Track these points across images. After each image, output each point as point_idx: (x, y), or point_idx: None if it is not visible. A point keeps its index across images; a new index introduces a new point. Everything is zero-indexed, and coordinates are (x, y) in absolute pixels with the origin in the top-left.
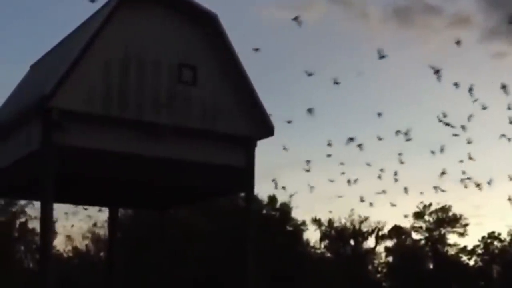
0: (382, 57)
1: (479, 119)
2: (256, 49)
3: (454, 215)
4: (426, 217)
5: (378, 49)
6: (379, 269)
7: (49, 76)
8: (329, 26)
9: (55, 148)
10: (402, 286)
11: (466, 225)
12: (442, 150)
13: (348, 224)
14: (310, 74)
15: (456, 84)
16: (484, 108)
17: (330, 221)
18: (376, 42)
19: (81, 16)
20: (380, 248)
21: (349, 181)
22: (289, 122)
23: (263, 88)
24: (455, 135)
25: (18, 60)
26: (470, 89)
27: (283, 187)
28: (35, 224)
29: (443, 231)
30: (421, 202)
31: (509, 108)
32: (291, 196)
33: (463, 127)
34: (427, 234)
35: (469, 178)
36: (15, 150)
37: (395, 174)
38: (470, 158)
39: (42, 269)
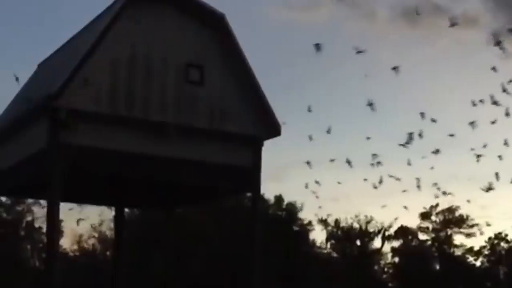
0: (359, 51)
1: (487, 120)
2: (360, 51)
3: (461, 215)
4: (433, 218)
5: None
6: (385, 269)
7: (57, 75)
8: (336, 27)
9: (62, 147)
10: (408, 287)
11: (473, 225)
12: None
13: (354, 224)
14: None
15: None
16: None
17: (337, 221)
18: (384, 42)
19: (89, 15)
20: (387, 249)
21: (382, 180)
22: (329, 131)
23: (270, 88)
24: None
25: (26, 58)
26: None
27: (317, 182)
28: (41, 223)
29: (449, 231)
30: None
31: None
32: (316, 196)
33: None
34: (433, 235)
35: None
36: (21, 149)
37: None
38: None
39: (49, 268)
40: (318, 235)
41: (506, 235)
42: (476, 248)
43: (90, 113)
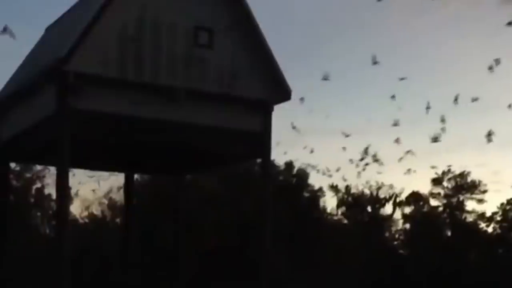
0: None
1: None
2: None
3: (473, 181)
4: (445, 183)
5: None
6: (397, 235)
7: (65, 39)
8: None
9: (71, 112)
10: (419, 253)
11: (485, 191)
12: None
13: (365, 191)
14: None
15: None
16: None
17: (347, 188)
18: (395, 5)
19: None
20: (398, 215)
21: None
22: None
23: (281, 52)
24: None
25: (34, 22)
26: None
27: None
28: (51, 190)
29: (461, 197)
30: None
31: None
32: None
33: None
34: (445, 201)
35: None
36: (30, 114)
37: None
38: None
39: (59, 235)
40: (329, 202)
41: None
42: (488, 214)
43: (98, 77)
